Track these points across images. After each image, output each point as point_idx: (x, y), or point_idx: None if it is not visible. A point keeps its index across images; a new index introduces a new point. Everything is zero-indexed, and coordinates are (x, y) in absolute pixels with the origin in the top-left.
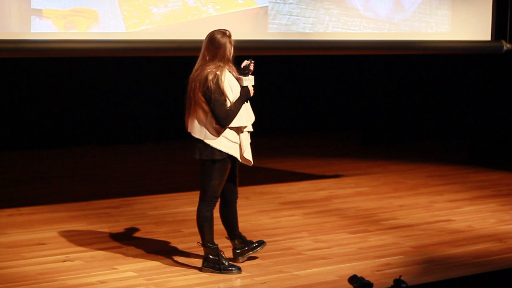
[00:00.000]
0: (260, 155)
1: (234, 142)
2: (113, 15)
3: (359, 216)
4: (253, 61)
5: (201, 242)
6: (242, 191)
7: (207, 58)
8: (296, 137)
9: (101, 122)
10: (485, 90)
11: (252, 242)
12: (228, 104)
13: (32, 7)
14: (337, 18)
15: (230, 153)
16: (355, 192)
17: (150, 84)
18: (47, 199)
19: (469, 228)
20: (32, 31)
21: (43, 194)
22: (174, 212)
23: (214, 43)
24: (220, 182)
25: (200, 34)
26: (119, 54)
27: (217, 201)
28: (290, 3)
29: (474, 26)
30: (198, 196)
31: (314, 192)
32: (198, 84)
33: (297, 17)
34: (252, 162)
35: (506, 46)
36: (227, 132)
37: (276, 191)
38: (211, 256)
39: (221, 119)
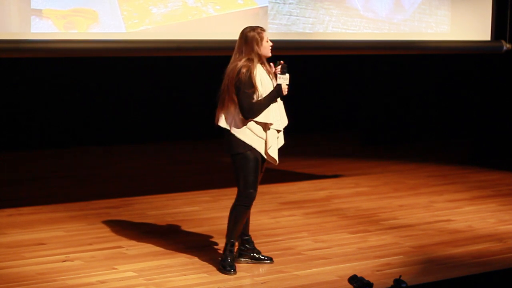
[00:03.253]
0: None
1: (259, 136)
2: (113, 15)
3: (359, 216)
4: (281, 62)
5: None
6: None
7: (238, 53)
8: (296, 137)
9: (101, 122)
10: (485, 90)
11: (259, 254)
12: (256, 97)
13: (32, 7)
14: (337, 18)
15: (254, 145)
16: (355, 192)
17: (150, 84)
18: (47, 199)
19: (469, 228)
20: (32, 31)
21: (43, 194)
22: (174, 212)
23: (243, 39)
24: (249, 175)
25: (200, 34)
26: (119, 54)
27: (251, 198)
28: (290, 3)
29: (474, 26)
30: (198, 196)
31: (314, 192)
32: (232, 76)
33: (297, 17)
34: (278, 162)
35: (506, 46)
36: (253, 125)
37: (276, 191)
38: (224, 250)
39: (245, 110)
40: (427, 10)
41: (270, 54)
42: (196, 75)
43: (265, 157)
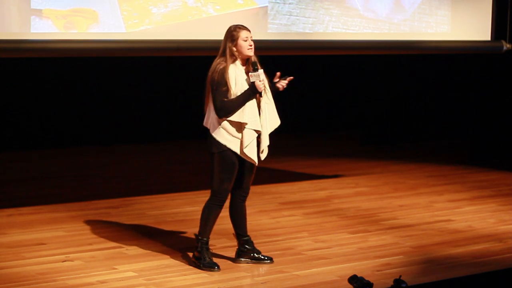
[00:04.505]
0: None
1: (234, 136)
2: (113, 15)
3: (359, 216)
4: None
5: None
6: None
7: (220, 50)
8: (296, 137)
9: (101, 122)
10: (485, 90)
11: (259, 254)
12: (230, 96)
13: (32, 7)
14: (337, 18)
15: (228, 146)
16: (355, 192)
17: (150, 84)
18: (47, 199)
19: (469, 228)
20: (32, 31)
21: (43, 194)
22: (174, 212)
23: (224, 36)
24: (223, 177)
25: (200, 34)
26: (119, 54)
27: (222, 198)
28: (290, 3)
29: (474, 26)
30: (198, 196)
31: (314, 192)
32: (209, 75)
33: (297, 17)
34: (257, 162)
35: (506, 46)
36: (227, 125)
37: (276, 191)
38: (197, 249)
39: (217, 109)
40: (427, 10)
41: (249, 54)
42: (196, 75)
43: (241, 155)
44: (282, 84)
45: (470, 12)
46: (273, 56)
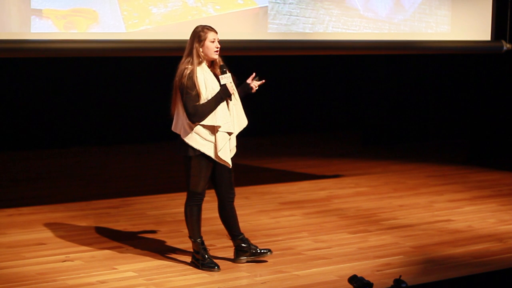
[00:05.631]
0: (260, 155)
1: (208, 140)
2: (113, 15)
3: (359, 216)
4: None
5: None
6: (242, 191)
7: (185, 51)
8: (296, 137)
9: (101, 122)
10: (485, 90)
11: (256, 248)
12: (201, 100)
13: (32, 7)
14: (337, 18)
15: (202, 150)
16: (355, 192)
17: (150, 84)
18: (47, 199)
19: (469, 228)
20: (32, 31)
21: (43, 194)
22: (174, 212)
23: (190, 37)
24: (199, 179)
25: None
26: (119, 54)
27: (200, 197)
28: (290, 3)
29: (474, 26)
30: None
31: (314, 192)
32: (177, 79)
33: (297, 17)
34: (231, 165)
35: (506, 46)
36: (200, 129)
37: (276, 191)
38: (195, 250)
39: (190, 114)
40: (427, 10)
41: (214, 56)
42: None
43: (216, 159)
44: (255, 84)
45: (470, 12)
46: (273, 56)
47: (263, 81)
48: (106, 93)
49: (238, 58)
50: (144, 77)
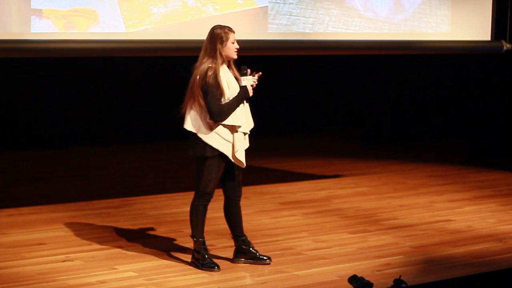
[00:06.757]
0: (260, 155)
1: (227, 140)
2: (113, 15)
3: (359, 216)
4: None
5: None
6: (242, 191)
7: (203, 51)
8: (296, 137)
9: (101, 122)
10: (485, 90)
11: (257, 252)
12: (223, 100)
13: (32, 7)
14: (337, 18)
15: (221, 150)
16: (355, 192)
17: (150, 84)
18: (47, 199)
19: (469, 228)
20: (32, 31)
21: (43, 194)
22: (174, 212)
23: (209, 36)
24: (211, 179)
25: (200, 34)
26: (119, 54)
27: (209, 197)
28: (290, 3)
29: (474, 26)
30: None
31: (314, 192)
32: (198, 78)
33: (297, 17)
34: (245, 165)
35: (506, 46)
36: (220, 129)
37: (276, 191)
38: (196, 250)
39: (214, 113)
40: (427, 10)
41: (235, 56)
42: None
43: (232, 160)
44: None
45: (470, 12)
46: (273, 56)
47: (260, 73)
48: (106, 93)
49: (238, 58)
50: (144, 77)
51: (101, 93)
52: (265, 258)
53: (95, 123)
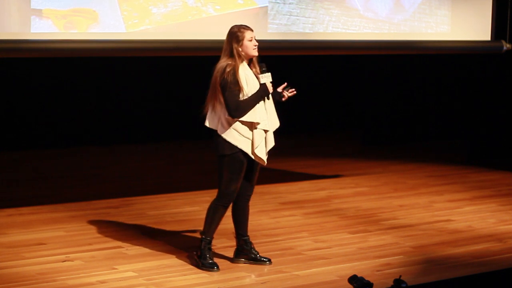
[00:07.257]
0: None
1: (246, 137)
2: (113, 15)
3: (359, 216)
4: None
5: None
6: None
7: (223, 52)
8: (296, 137)
9: (101, 122)
10: (485, 90)
11: (257, 254)
12: (242, 96)
13: (32, 7)
14: (337, 18)
15: (240, 146)
16: (355, 192)
17: (150, 84)
18: (47, 199)
19: (469, 228)
20: (32, 31)
21: (43, 194)
22: (174, 212)
23: (227, 36)
24: (231, 178)
25: (200, 34)
26: (119, 54)
27: (230, 199)
28: (290, 3)
29: (474, 26)
30: (198, 196)
31: (314, 192)
32: (218, 75)
33: (297, 17)
34: (266, 163)
35: (506, 46)
36: (238, 126)
37: (276, 191)
38: (199, 247)
39: (232, 109)
40: (427, 10)
41: (254, 54)
42: (196, 75)
43: (252, 157)
44: (287, 94)
45: (470, 12)
46: (273, 56)
47: (294, 92)
48: (106, 93)
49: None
50: (144, 77)
51: (101, 93)
52: (265, 260)
53: (95, 123)
